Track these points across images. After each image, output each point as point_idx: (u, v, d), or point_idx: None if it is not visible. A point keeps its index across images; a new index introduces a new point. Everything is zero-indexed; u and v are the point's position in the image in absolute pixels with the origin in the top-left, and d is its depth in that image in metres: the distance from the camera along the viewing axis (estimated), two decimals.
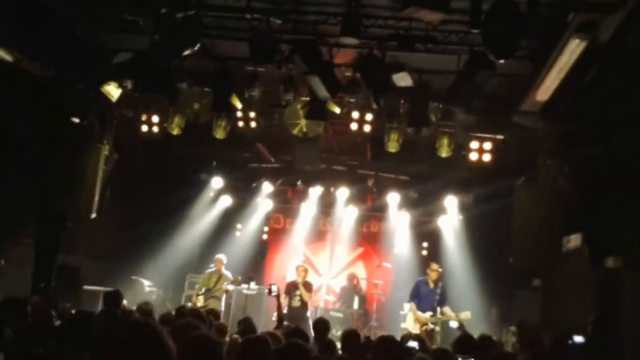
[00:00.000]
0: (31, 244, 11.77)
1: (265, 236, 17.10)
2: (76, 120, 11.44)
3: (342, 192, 15.88)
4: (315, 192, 16.09)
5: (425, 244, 16.04)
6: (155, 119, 12.31)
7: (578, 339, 6.53)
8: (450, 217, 15.41)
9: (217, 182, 15.99)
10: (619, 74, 8.39)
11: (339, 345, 6.87)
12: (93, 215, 11.96)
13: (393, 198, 15.62)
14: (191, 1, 8.55)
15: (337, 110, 11.16)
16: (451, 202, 15.08)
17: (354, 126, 11.39)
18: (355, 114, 11.28)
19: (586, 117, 9.51)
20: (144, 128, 12.38)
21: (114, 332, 2.45)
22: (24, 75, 9.88)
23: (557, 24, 7.71)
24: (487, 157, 11.64)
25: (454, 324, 11.96)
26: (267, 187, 16.20)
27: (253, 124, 11.95)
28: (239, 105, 11.21)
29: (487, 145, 11.62)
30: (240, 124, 11.97)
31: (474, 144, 11.62)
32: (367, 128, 11.39)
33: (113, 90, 10.78)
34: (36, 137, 11.11)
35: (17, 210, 11.69)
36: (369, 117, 11.29)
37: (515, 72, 9.72)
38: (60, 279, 11.89)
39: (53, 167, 11.51)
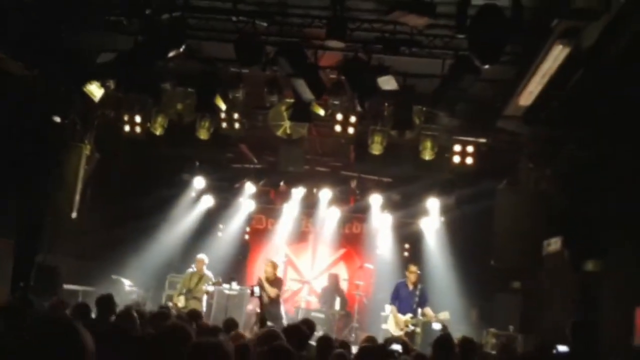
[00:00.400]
0: (11, 243, 11.65)
1: (247, 237, 17.05)
2: (57, 119, 11.34)
3: (325, 194, 15.88)
4: (298, 193, 16.06)
5: (407, 246, 16.08)
6: (137, 119, 12.22)
7: (562, 348, 6.56)
8: (433, 219, 15.47)
9: (199, 182, 15.92)
10: (602, 80, 8.48)
11: None
12: (74, 215, 11.87)
13: (375, 200, 15.64)
14: (177, 2, 8.49)
15: (322, 112, 11.18)
16: (433, 205, 15.13)
17: (337, 128, 11.40)
18: (339, 116, 11.29)
19: (569, 122, 9.61)
20: (127, 128, 12.29)
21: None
22: (4, 73, 9.78)
23: (541, 29, 7.78)
24: (469, 160, 11.74)
25: (437, 326, 12.02)
26: (249, 187, 16.15)
27: (237, 125, 11.93)
28: (222, 106, 11.17)
29: (470, 149, 11.72)
30: (224, 125, 11.93)
31: (457, 147, 11.71)
32: (350, 130, 11.41)
33: (95, 90, 10.69)
34: (17, 136, 11.00)
35: None
36: (352, 119, 11.31)
37: (500, 77, 9.79)
38: (39, 278, 11.80)
39: (34, 166, 11.40)
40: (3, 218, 11.67)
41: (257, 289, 9.71)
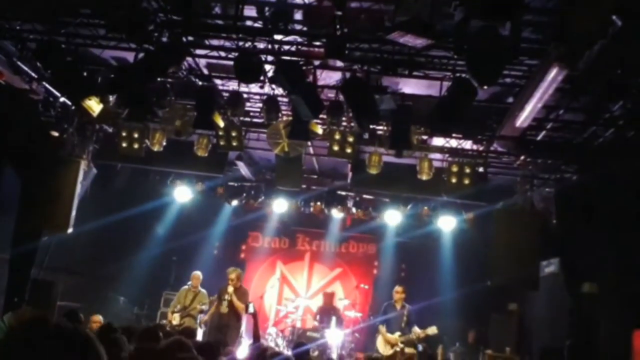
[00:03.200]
0: (5, 258, 11.60)
1: (242, 255, 16.99)
2: (55, 133, 11.34)
3: (322, 213, 15.79)
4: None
5: (403, 266, 16.05)
6: (135, 135, 12.17)
7: None
8: (430, 240, 15.43)
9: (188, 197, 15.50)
10: (599, 103, 8.53)
11: None
12: (69, 230, 11.82)
13: (373, 219, 15.60)
14: (177, 20, 8.51)
15: (320, 131, 11.16)
16: (430, 225, 15.09)
17: (335, 147, 11.37)
18: (337, 136, 11.27)
19: (566, 145, 9.65)
20: (124, 144, 12.23)
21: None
22: (3, 87, 9.79)
23: (540, 52, 7.82)
24: (467, 181, 11.70)
25: (419, 347, 12.32)
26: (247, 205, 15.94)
27: (235, 143, 11.87)
28: (221, 123, 11.16)
29: (467, 170, 11.69)
30: (222, 142, 11.87)
31: (454, 168, 11.68)
32: (348, 150, 11.37)
33: (94, 105, 10.67)
34: (14, 149, 11.00)
35: None
36: (350, 139, 11.28)
37: (497, 99, 9.83)
38: (34, 294, 11.73)
39: (30, 181, 11.38)
40: None
41: (251, 306, 9.64)
